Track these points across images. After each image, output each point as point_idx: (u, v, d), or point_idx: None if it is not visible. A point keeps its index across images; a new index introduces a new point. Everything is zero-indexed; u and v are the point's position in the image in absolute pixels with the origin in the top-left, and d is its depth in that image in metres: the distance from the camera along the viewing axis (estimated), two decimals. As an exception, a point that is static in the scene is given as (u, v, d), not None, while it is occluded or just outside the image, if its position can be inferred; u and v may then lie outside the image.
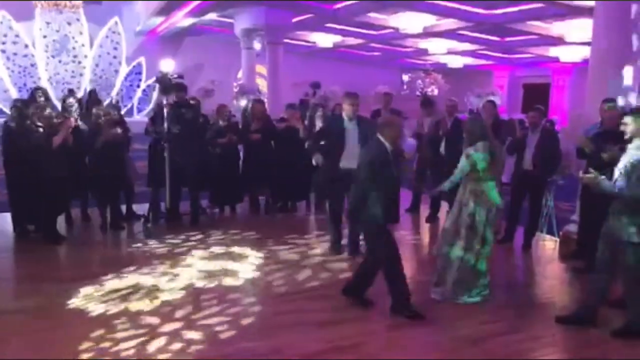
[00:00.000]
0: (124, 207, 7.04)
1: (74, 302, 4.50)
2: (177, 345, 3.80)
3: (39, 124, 5.89)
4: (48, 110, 6.10)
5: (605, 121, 5.37)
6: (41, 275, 5.11)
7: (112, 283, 4.94)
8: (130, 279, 5.06)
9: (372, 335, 4.05)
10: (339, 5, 13.53)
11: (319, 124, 7.53)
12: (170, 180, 6.78)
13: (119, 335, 3.93)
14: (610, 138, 4.72)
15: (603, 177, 3.97)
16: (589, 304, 4.21)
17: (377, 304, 4.55)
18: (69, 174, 6.11)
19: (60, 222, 6.54)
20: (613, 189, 3.91)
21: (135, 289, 4.81)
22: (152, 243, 6.19)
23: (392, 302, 4.35)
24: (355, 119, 5.74)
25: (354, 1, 12.98)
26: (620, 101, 5.64)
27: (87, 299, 4.57)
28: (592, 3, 6.73)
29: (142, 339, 3.87)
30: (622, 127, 4.06)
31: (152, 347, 3.77)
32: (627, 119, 4.02)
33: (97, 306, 4.42)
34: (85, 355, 3.63)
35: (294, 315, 4.36)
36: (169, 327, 4.08)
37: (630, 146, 3.97)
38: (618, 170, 3.95)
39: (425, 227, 7.44)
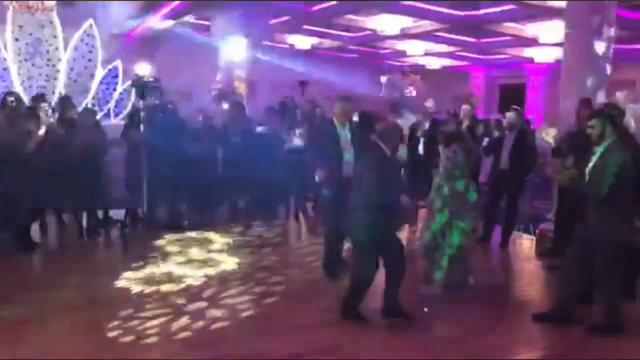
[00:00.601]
0: (100, 213, 6.93)
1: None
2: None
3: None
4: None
5: (581, 120, 5.44)
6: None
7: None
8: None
9: (352, 336, 4.04)
10: (315, 7, 13.53)
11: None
12: (148, 185, 6.69)
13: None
14: (587, 137, 4.79)
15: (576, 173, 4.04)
16: (563, 302, 4.26)
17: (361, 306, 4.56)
18: (44, 180, 5.98)
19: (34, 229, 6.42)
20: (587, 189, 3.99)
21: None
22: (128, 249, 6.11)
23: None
24: (348, 124, 5.32)
25: (330, 2, 12.99)
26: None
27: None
28: (564, 4, 6.86)
29: None
30: (588, 130, 4.12)
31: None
32: (593, 121, 4.07)
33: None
34: None
35: (274, 318, 4.35)
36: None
37: (597, 148, 4.03)
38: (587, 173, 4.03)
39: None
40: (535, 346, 4.05)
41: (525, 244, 6.64)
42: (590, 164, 4.03)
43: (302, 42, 18.13)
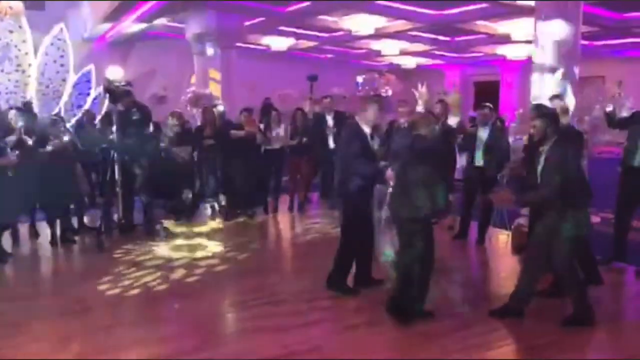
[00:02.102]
0: (74, 220, 6.81)
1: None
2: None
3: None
4: None
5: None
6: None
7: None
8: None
9: (330, 337, 4.06)
10: (290, 8, 13.51)
11: None
12: (123, 190, 6.61)
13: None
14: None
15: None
16: (520, 296, 4.30)
17: (339, 305, 4.58)
18: (15, 188, 5.86)
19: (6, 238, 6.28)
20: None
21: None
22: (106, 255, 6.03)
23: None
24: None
25: (305, 3, 12.98)
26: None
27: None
28: (534, 3, 6.96)
29: None
30: (531, 131, 4.20)
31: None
32: (536, 122, 4.13)
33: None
34: None
35: (252, 321, 4.32)
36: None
37: (544, 148, 4.09)
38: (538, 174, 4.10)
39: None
40: (513, 340, 4.09)
41: (501, 239, 6.72)
42: (539, 166, 4.09)
43: (278, 43, 18.09)
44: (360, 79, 23.04)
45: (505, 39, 14.83)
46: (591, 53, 14.47)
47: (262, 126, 8.10)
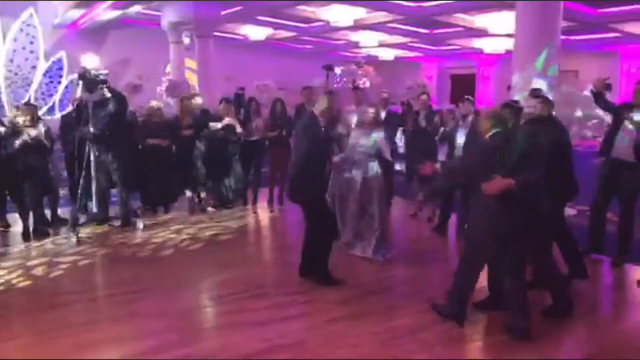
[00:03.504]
0: (48, 212, 6.64)
1: None
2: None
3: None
4: None
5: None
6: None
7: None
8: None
9: (311, 331, 4.02)
10: (267, -2, 13.36)
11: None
12: (98, 182, 6.45)
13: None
14: None
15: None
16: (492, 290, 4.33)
17: (320, 298, 4.55)
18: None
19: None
20: None
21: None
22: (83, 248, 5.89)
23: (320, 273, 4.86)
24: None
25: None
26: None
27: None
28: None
29: None
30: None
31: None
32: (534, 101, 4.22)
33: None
34: None
35: (233, 315, 4.27)
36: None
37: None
38: None
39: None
40: (493, 331, 4.11)
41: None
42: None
43: (256, 32, 17.89)
44: (338, 70, 22.98)
45: (483, 32, 14.94)
46: (565, 47, 14.70)
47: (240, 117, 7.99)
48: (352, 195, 5.64)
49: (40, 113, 7.49)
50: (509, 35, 13.99)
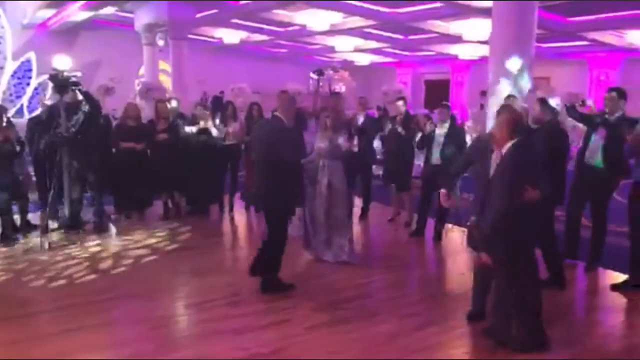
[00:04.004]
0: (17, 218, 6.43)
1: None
2: None
3: None
4: None
5: None
6: None
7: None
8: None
9: (291, 338, 3.96)
10: (243, 2, 13.27)
11: None
12: (70, 186, 6.28)
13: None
14: None
15: None
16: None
17: (299, 305, 4.51)
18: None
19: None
20: None
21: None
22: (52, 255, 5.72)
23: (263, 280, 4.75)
24: None
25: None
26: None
27: None
28: (487, 3, 7.07)
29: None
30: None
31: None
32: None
33: None
34: None
35: (210, 323, 4.19)
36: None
37: None
38: None
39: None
40: (473, 337, 4.12)
41: (457, 236, 6.82)
42: None
43: (231, 36, 17.77)
44: (314, 74, 22.98)
45: (458, 39, 15.13)
46: (537, 55, 15.00)
47: (217, 121, 7.90)
48: (318, 199, 5.62)
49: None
50: (482, 42, 14.22)
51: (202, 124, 7.41)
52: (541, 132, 4.79)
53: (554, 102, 6.31)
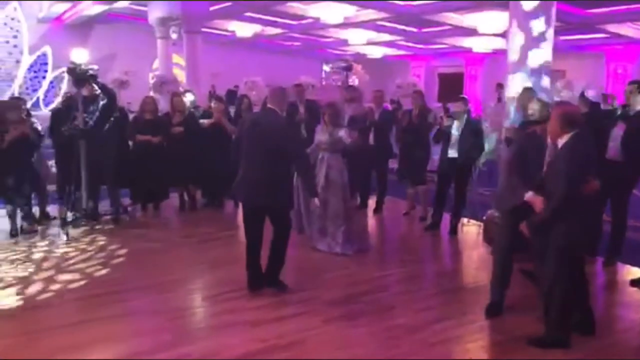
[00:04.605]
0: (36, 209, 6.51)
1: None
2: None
3: None
4: None
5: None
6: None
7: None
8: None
9: (308, 331, 3.96)
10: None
11: None
12: (87, 178, 6.33)
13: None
14: None
15: None
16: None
17: (315, 298, 4.51)
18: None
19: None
20: None
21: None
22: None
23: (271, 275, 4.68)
24: None
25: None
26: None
27: None
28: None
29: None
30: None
31: None
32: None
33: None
34: None
35: (227, 315, 4.21)
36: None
37: None
38: None
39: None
40: (492, 331, 4.10)
41: (473, 230, 6.78)
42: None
43: (244, 29, 17.74)
44: (327, 67, 22.94)
45: (472, 32, 14.98)
46: (553, 47, 14.81)
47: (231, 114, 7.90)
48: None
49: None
50: (497, 35, 14.07)
51: (214, 117, 7.38)
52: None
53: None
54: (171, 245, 5.97)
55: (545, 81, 6.39)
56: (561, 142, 3.67)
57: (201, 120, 7.51)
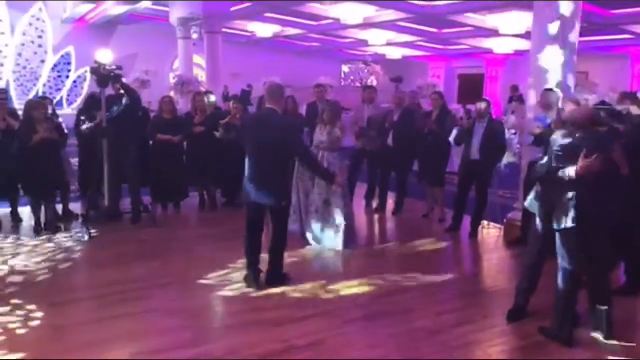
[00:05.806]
0: (59, 207, 6.60)
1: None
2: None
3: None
4: None
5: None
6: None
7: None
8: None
9: (329, 332, 3.96)
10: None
11: None
12: (109, 177, 6.41)
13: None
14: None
15: None
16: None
17: (333, 300, 4.51)
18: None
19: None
20: None
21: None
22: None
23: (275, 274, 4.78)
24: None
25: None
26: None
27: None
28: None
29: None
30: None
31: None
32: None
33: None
34: None
35: (246, 314, 4.23)
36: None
37: None
38: None
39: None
40: (513, 336, 4.05)
41: (493, 233, 6.72)
42: None
43: (264, 30, 17.82)
44: (346, 68, 22.95)
45: (493, 33, 14.84)
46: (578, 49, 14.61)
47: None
48: (317, 189, 5.81)
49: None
50: (518, 36, 13.91)
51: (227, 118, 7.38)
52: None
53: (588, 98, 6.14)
54: (191, 244, 6.01)
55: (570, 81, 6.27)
56: None
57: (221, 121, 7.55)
